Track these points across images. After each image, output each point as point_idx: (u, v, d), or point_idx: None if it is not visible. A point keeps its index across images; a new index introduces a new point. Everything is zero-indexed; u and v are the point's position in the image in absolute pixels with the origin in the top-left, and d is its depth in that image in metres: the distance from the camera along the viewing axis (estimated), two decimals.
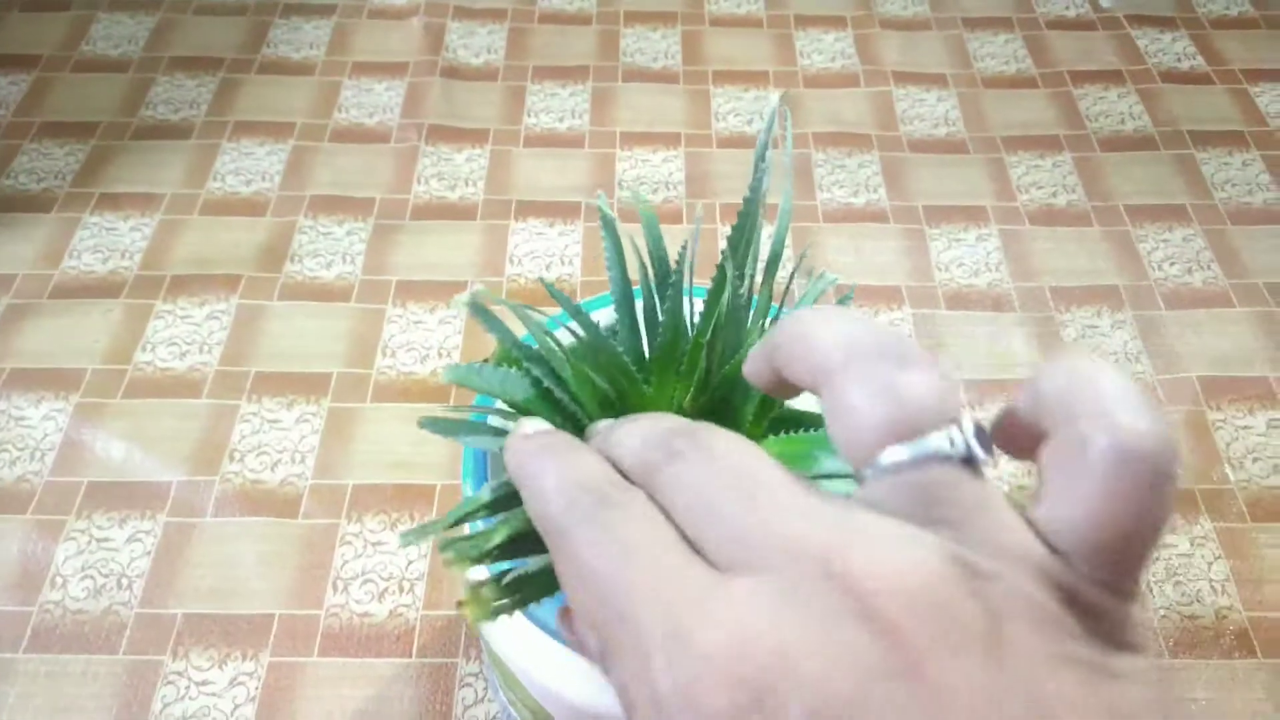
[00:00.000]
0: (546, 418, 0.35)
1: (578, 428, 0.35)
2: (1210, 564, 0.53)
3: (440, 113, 0.75)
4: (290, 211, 0.68)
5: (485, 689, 0.48)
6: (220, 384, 0.59)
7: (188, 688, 0.47)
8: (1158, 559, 0.53)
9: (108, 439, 0.56)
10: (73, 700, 0.47)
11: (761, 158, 0.32)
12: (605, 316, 0.39)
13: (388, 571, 0.51)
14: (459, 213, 0.68)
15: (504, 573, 0.29)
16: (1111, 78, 0.80)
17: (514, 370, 0.35)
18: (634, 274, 0.35)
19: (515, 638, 0.35)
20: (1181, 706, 0.48)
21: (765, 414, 0.35)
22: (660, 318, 0.35)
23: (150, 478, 0.54)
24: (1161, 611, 0.51)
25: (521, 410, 0.34)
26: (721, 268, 0.33)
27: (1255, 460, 0.57)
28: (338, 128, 0.74)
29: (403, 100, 0.76)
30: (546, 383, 0.34)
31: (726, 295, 0.31)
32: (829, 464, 0.31)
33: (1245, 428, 0.58)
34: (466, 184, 0.70)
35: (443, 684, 0.48)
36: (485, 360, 0.34)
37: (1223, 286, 0.65)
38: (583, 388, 0.34)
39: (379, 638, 0.49)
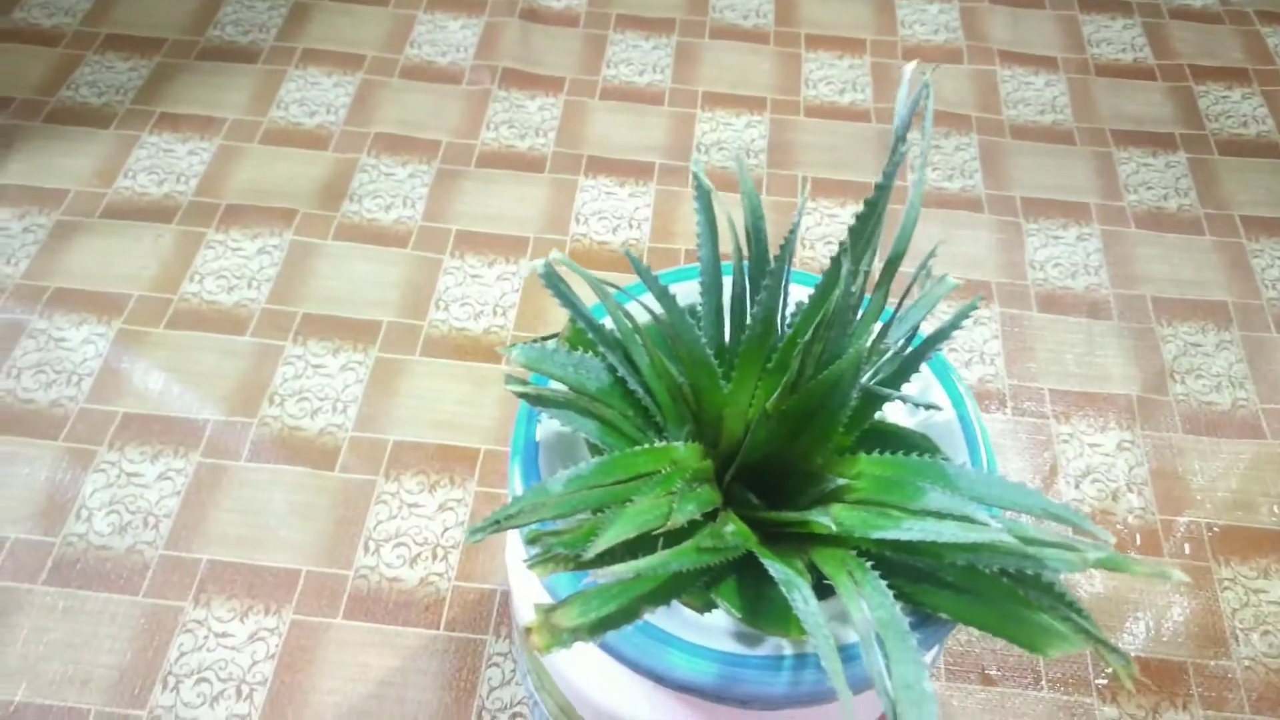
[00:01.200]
0: (618, 410, 0.31)
1: (649, 422, 0.32)
2: None
3: (515, 56, 0.72)
4: (353, 148, 0.65)
5: (514, 671, 0.45)
6: (266, 323, 0.56)
7: (206, 638, 0.45)
8: (1245, 604, 0.49)
9: (147, 369, 0.54)
10: (88, 638, 0.45)
11: (901, 138, 0.28)
12: (682, 293, 0.36)
13: (422, 536, 0.49)
14: (527, 164, 0.65)
15: (577, 594, 0.26)
16: (1236, 76, 0.74)
17: (589, 355, 0.31)
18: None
19: None
20: None
21: (858, 424, 0.32)
22: (751, 306, 0.31)
23: (187, 414, 0.52)
24: (1246, 662, 0.47)
25: (593, 401, 0.31)
26: (837, 260, 0.30)
27: None
28: (408, 64, 0.71)
29: (478, 40, 0.73)
30: (621, 371, 0.31)
31: (839, 292, 0.28)
32: (935, 498, 0.27)
33: None
34: (537, 134, 0.67)
35: (470, 661, 0.45)
36: (552, 337, 0.31)
37: None
38: (657, 379, 0.31)
39: (407, 605, 0.47)
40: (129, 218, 0.61)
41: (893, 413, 0.35)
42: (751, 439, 0.30)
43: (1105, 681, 0.46)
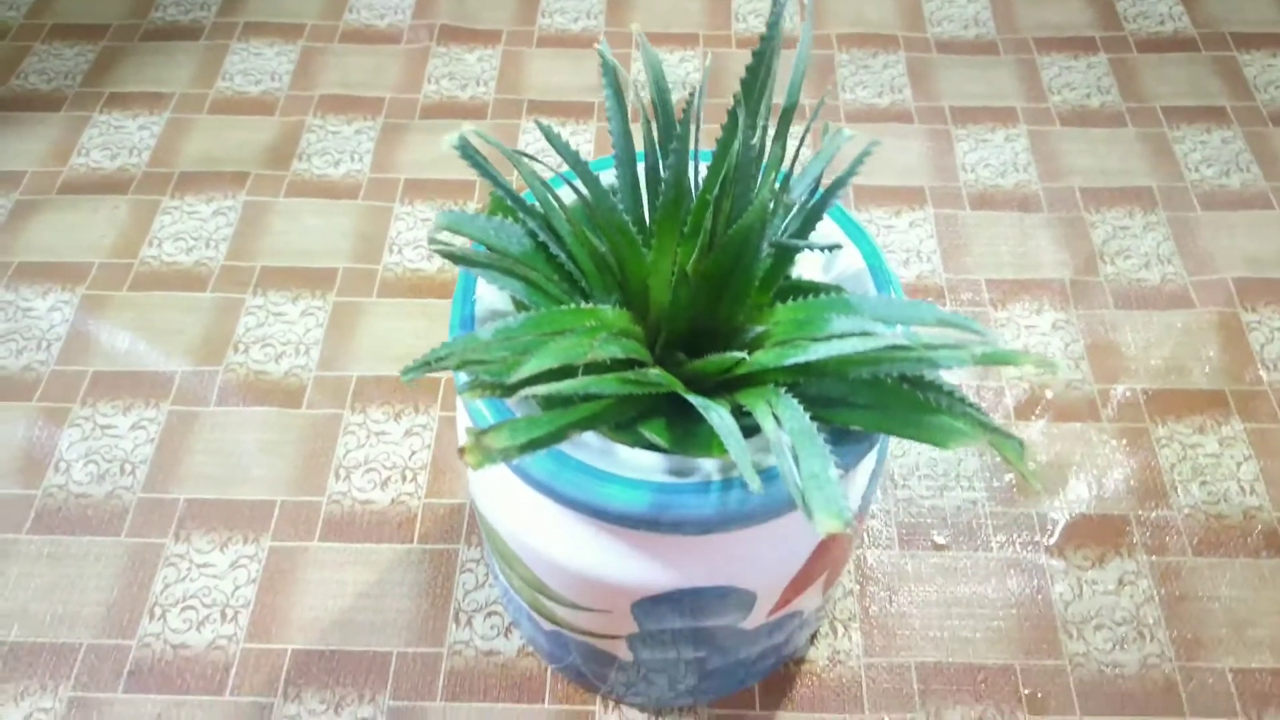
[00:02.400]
0: (542, 274, 0.33)
1: (575, 288, 0.34)
2: (1239, 464, 0.51)
3: (452, 14, 0.73)
4: (298, 111, 0.67)
5: (486, 574, 0.47)
6: (226, 278, 0.58)
7: (189, 569, 0.47)
8: (1183, 459, 0.51)
9: (113, 330, 0.56)
10: (74, 579, 0.47)
11: None
12: (608, 179, 0.38)
13: (391, 461, 0.51)
14: (470, 112, 0.67)
15: (507, 420, 0.28)
16: None
17: (509, 221, 0.33)
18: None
19: (506, 500, 0.35)
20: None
21: (773, 282, 0.34)
22: (664, 174, 0.33)
23: (155, 367, 0.54)
24: (1185, 510, 0.49)
25: (516, 263, 0.33)
26: (733, 114, 0.31)
27: None
28: (348, 29, 0.73)
29: (415, 1, 0.75)
30: (542, 237, 0.33)
31: (737, 145, 0.30)
32: (840, 323, 0.29)
33: None
34: (478, 84, 0.69)
35: (444, 569, 0.47)
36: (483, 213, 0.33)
37: (1261, 189, 0.63)
38: (580, 247, 0.33)
39: (380, 524, 0.49)
40: (85, 192, 0.62)
41: (809, 272, 0.37)
42: (674, 302, 0.32)
43: (1053, 540, 0.48)
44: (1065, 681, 0.44)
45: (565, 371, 0.28)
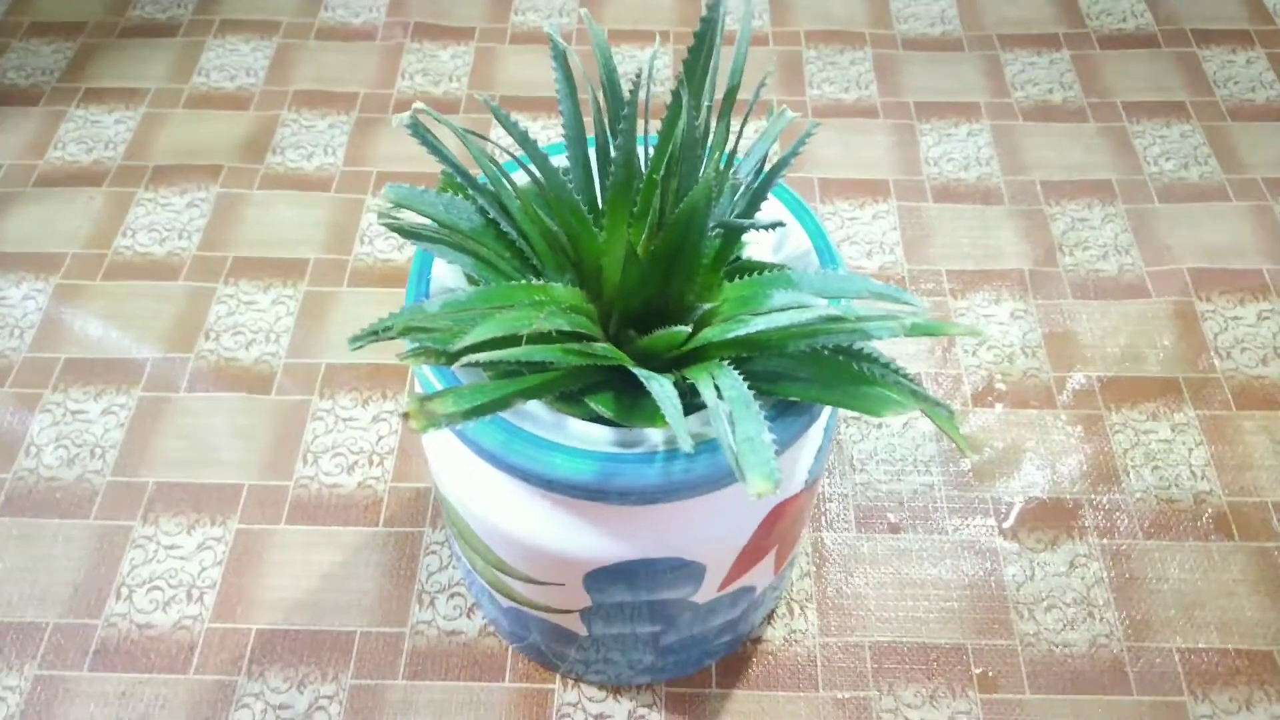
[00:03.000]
0: (493, 250, 0.34)
1: (527, 265, 0.35)
2: (1191, 450, 0.52)
3: (427, 11, 0.74)
4: (273, 106, 0.68)
5: (449, 556, 0.48)
6: (198, 268, 0.59)
7: (156, 551, 0.48)
8: (1135, 444, 0.52)
9: (86, 318, 0.56)
10: (43, 560, 0.48)
11: None
12: (561, 162, 0.39)
13: (358, 446, 0.52)
14: (443, 107, 0.68)
15: (452, 388, 0.29)
16: None
17: (459, 198, 0.34)
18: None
19: (459, 472, 0.35)
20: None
21: (722, 261, 0.34)
22: (613, 155, 0.34)
23: (126, 354, 0.55)
24: (1137, 495, 0.50)
25: (466, 239, 0.34)
26: (676, 94, 0.32)
27: (1244, 350, 0.56)
28: (323, 26, 0.74)
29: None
30: (492, 214, 0.34)
31: (682, 125, 0.31)
32: (780, 297, 0.30)
33: (1235, 318, 0.57)
34: (451, 80, 0.70)
35: (408, 551, 0.48)
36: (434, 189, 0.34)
37: (1219, 181, 0.64)
38: (531, 225, 0.34)
39: (347, 507, 0.49)
40: (61, 185, 0.63)
41: (759, 253, 0.38)
42: (625, 281, 0.33)
43: (1009, 523, 0.49)
44: (1015, 661, 0.45)
45: (510, 341, 0.29)
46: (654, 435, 0.31)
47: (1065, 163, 0.65)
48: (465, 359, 0.28)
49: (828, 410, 0.37)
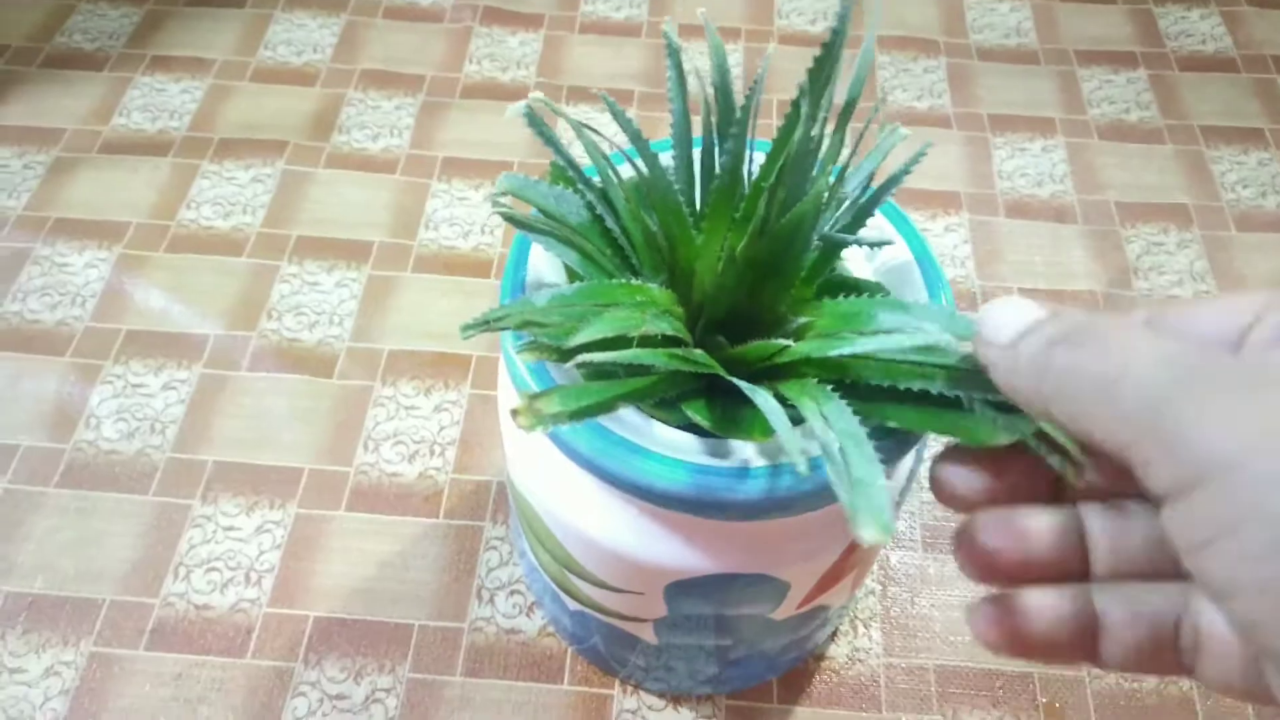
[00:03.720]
0: (596, 246, 0.33)
1: (626, 264, 0.34)
2: None
3: None
4: (340, 84, 0.67)
5: (510, 552, 0.47)
6: (262, 245, 0.58)
7: (215, 531, 0.47)
8: None
9: (148, 289, 0.56)
10: (100, 535, 0.47)
11: None
12: (664, 160, 0.38)
13: (419, 435, 0.51)
14: (509, 94, 0.67)
15: (559, 386, 0.28)
16: None
17: (569, 191, 0.33)
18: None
19: (544, 472, 0.35)
20: None
21: (818, 274, 0.34)
22: (720, 158, 0.33)
23: (188, 329, 0.54)
24: None
25: (573, 233, 0.33)
26: (796, 104, 0.31)
27: None
28: (391, 5, 0.73)
29: None
30: (599, 209, 0.33)
31: (798, 135, 0.30)
32: (887, 319, 0.29)
33: None
34: (519, 67, 0.69)
35: (468, 545, 0.47)
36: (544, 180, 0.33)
37: None
38: (634, 223, 0.33)
39: (407, 497, 0.49)
40: (125, 153, 0.62)
41: (855, 268, 0.37)
42: (719, 285, 0.32)
43: None
44: (1083, 692, 0.44)
45: (618, 342, 0.28)
46: (743, 448, 0.30)
47: (1140, 184, 0.64)
48: (579, 357, 0.27)
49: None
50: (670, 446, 0.31)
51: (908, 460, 0.35)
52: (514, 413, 0.26)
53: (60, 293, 0.55)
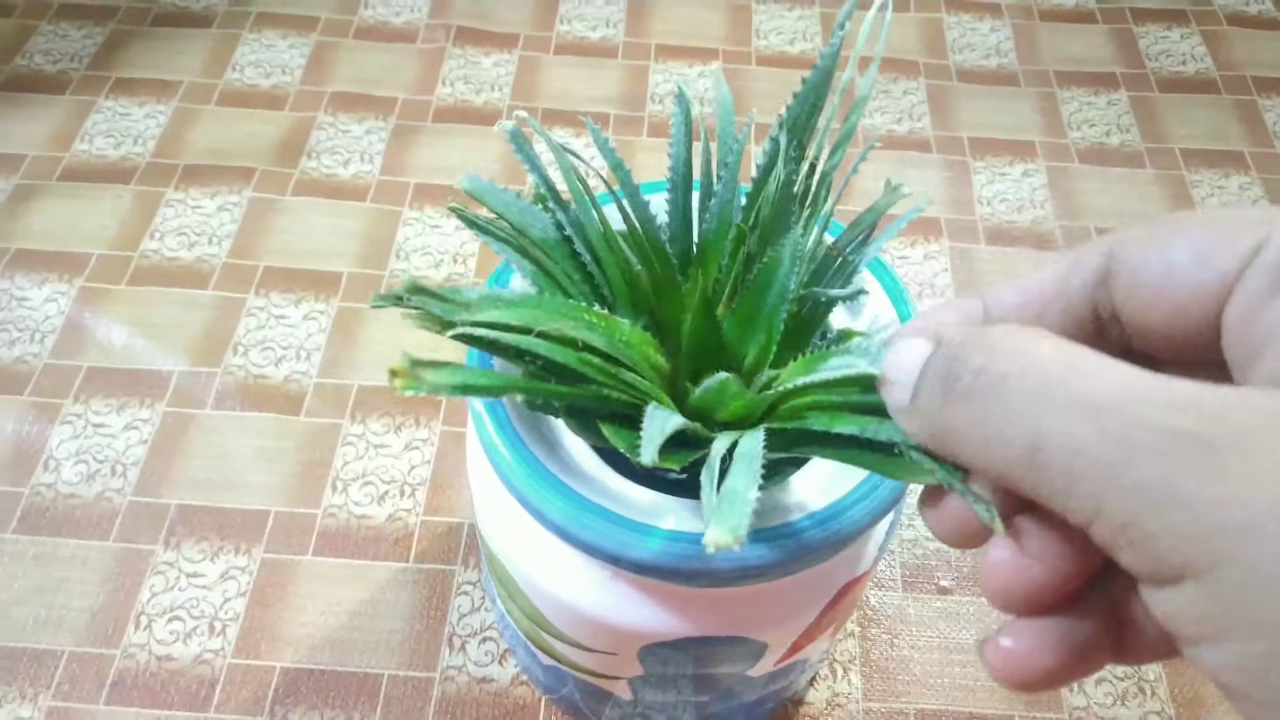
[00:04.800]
0: (561, 266, 0.32)
1: (595, 292, 0.32)
2: None
3: (470, 14, 0.72)
4: (309, 107, 0.66)
5: (482, 598, 0.46)
6: (228, 276, 0.57)
7: (178, 578, 0.46)
8: None
9: (110, 324, 0.54)
10: (60, 583, 0.46)
11: (842, 23, 0.28)
12: (659, 203, 0.36)
13: (389, 475, 0.50)
14: (483, 117, 0.66)
15: (453, 363, 0.26)
16: (1175, 17, 0.76)
17: (538, 206, 0.32)
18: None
19: (514, 533, 0.34)
20: None
21: (809, 331, 0.32)
22: (710, 207, 0.32)
23: (151, 365, 0.53)
24: None
25: (533, 245, 0.31)
26: (774, 139, 0.30)
27: None
28: (363, 25, 0.71)
29: (431, 0, 0.73)
30: (569, 231, 0.32)
31: (778, 173, 0.28)
32: (834, 362, 0.27)
33: None
34: (493, 89, 0.68)
35: (439, 590, 0.46)
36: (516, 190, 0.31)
37: None
38: (609, 253, 0.31)
39: (376, 540, 0.48)
40: (87, 180, 0.61)
41: (853, 324, 0.35)
42: (695, 339, 0.31)
43: None
44: None
45: (522, 332, 0.26)
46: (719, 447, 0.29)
47: (1120, 210, 0.63)
48: (460, 330, 0.25)
49: (898, 486, 0.35)
50: (642, 511, 0.30)
51: (887, 516, 0.35)
52: (392, 373, 0.24)
53: (19, 328, 0.54)
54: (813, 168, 0.31)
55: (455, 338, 0.25)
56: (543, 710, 0.43)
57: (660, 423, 0.25)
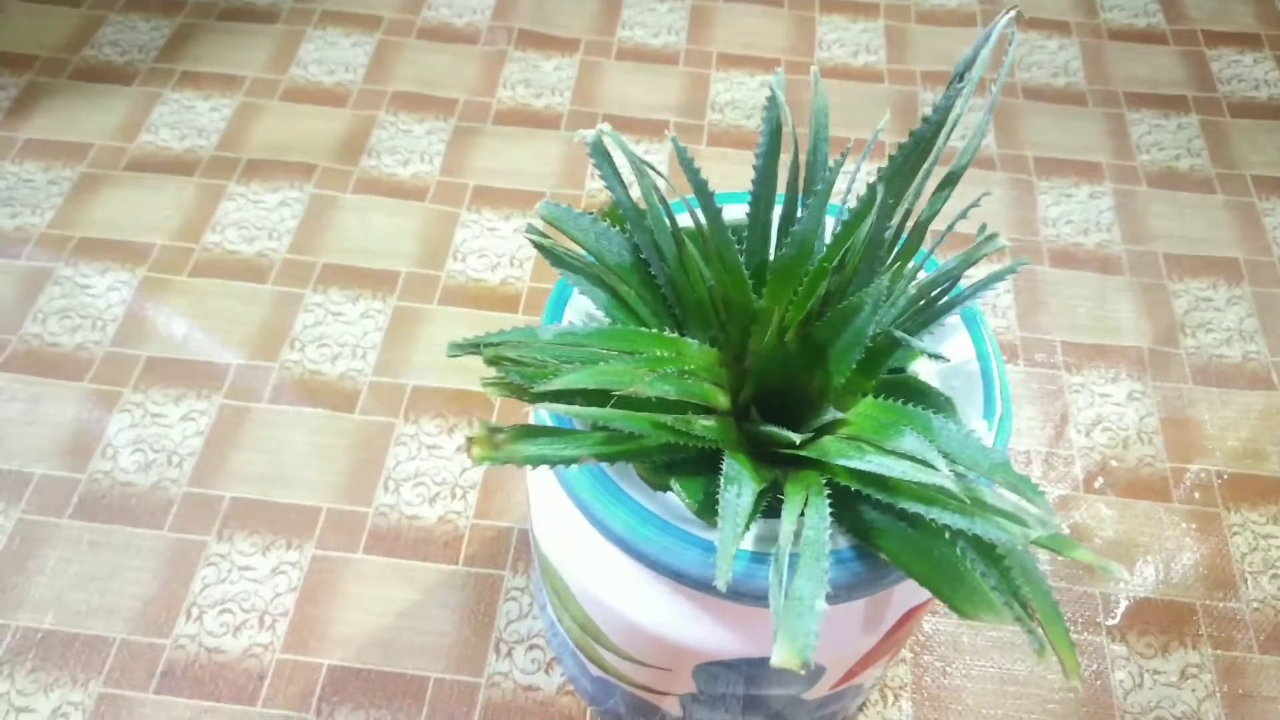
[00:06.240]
0: (634, 291, 0.32)
1: (668, 314, 0.32)
2: None
3: (532, 18, 0.72)
4: (371, 106, 0.66)
5: (530, 604, 0.46)
6: (287, 271, 0.57)
7: (230, 571, 0.46)
8: (1254, 549, 0.49)
9: (170, 315, 0.55)
10: (113, 570, 0.46)
11: (963, 73, 0.28)
12: (731, 215, 0.36)
13: (441, 476, 0.50)
14: (543, 121, 0.66)
15: (526, 427, 0.27)
16: (1248, 41, 0.74)
17: (614, 229, 0.32)
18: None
19: (572, 541, 0.33)
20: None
21: (875, 366, 0.31)
22: (794, 227, 0.31)
23: (209, 358, 0.53)
24: (1254, 604, 0.47)
25: (609, 273, 0.31)
26: (872, 189, 0.29)
27: None
28: (426, 25, 0.72)
29: (494, 2, 0.73)
30: (645, 254, 0.31)
31: (870, 222, 0.28)
32: (909, 442, 0.27)
33: None
34: (553, 93, 0.67)
35: (487, 595, 0.46)
36: (591, 214, 0.31)
37: None
38: (683, 273, 0.31)
39: (426, 542, 0.48)
40: (151, 171, 0.61)
41: (925, 371, 0.35)
42: (769, 357, 0.31)
43: (1115, 621, 0.47)
44: None
45: (599, 397, 0.26)
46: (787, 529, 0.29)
47: (1189, 235, 0.62)
48: (546, 405, 0.25)
49: None
50: (705, 527, 0.29)
51: None
52: (469, 440, 0.25)
53: (81, 315, 0.54)
54: (907, 213, 0.30)
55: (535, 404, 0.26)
56: None
57: (730, 532, 0.25)
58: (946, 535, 0.27)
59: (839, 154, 0.30)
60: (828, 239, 0.31)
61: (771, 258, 0.33)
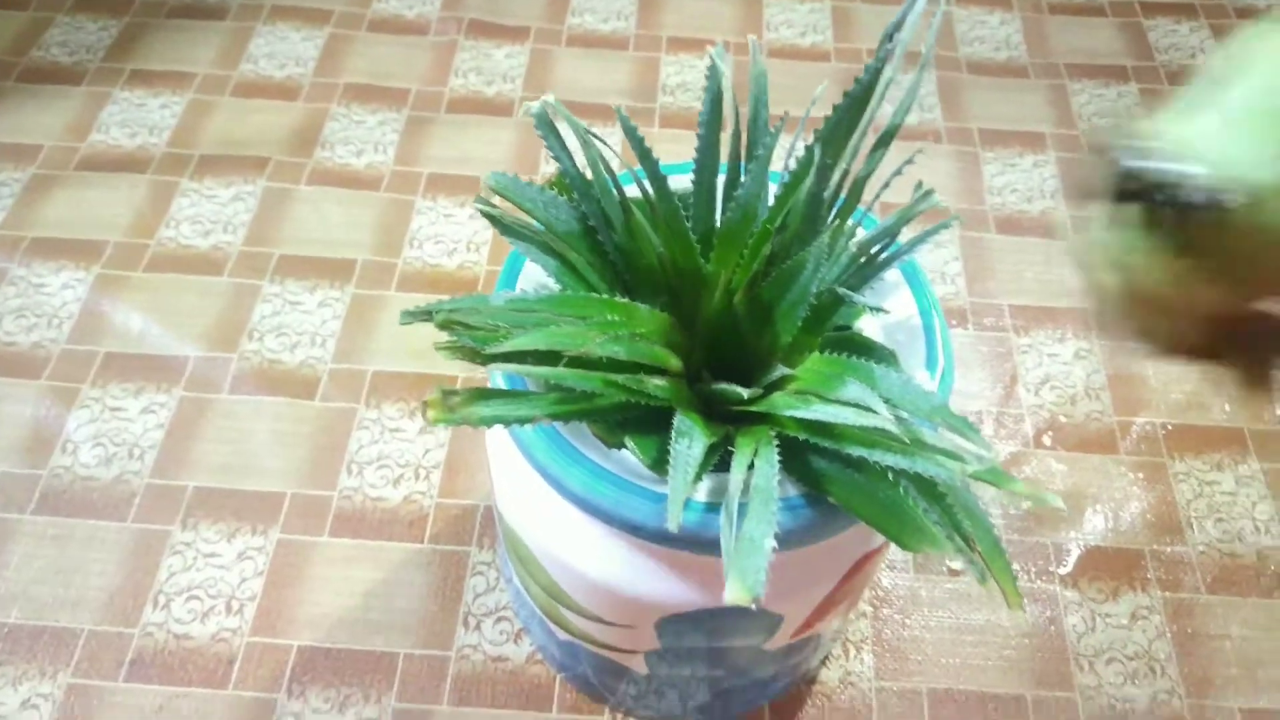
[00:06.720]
0: (584, 258, 0.32)
1: (617, 280, 0.33)
2: (1255, 504, 0.51)
3: (482, 8, 0.73)
4: (323, 98, 0.66)
5: (497, 578, 0.46)
6: (243, 264, 0.57)
7: (195, 559, 0.47)
8: (1199, 495, 0.51)
9: (127, 311, 0.55)
10: (77, 563, 0.46)
11: (892, 34, 0.28)
12: (677, 185, 0.37)
13: (404, 458, 0.50)
14: (495, 109, 0.66)
15: (481, 389, 0.27)
16: (1184, 11, 0.76)
17: (562, 198, 0.32)
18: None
19: (533, 506, 0.34)
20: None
21: (820, 324, 0.32)
22: (737, 192, 0.32)
23: (167, 351, 0.53)
24: (1200, 548, 0.49)
25: (558, 240, 0.32)
26: (810, 149, 0.30)
27: None
28: (376, 17, 0.72)
29: None
30: (593, 222, 0.32)
31: (809, 183, 0.29)
32: (852, 391, 0.28)
33: None
34: (505, 80, 0.68)
35: (454, 571, 0.47)
36: (539, 184, 0.32)
37: None
38: (630, 240, 0.32)
39: (391, 522, 0.48)
40: (103, 169, 0.61)
41: (871, 328, 0.36)
42: (718, 319, 0.31)
43: (1067, 569, 0.48)
44: (1075, 714, 0.44)
45: (551, 358, 0.27)
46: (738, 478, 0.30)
47: None
48: (498, 365, 0.26)
49: None
50: (660, 480, 0.30)
51: None
52: (424, 404, 0.25)
53: (36, 314, 0.54)
54: (845, 173, 0.31)
55: (488, 365, 0.26)
56: (558, 688, 0.44)
57: (681, 479, 0.25)
58: (890, 476, 0.28)
59: (779, 121, 0.31)
60: (770, 203, 0.32)
61: (718, 224, 0.33)
